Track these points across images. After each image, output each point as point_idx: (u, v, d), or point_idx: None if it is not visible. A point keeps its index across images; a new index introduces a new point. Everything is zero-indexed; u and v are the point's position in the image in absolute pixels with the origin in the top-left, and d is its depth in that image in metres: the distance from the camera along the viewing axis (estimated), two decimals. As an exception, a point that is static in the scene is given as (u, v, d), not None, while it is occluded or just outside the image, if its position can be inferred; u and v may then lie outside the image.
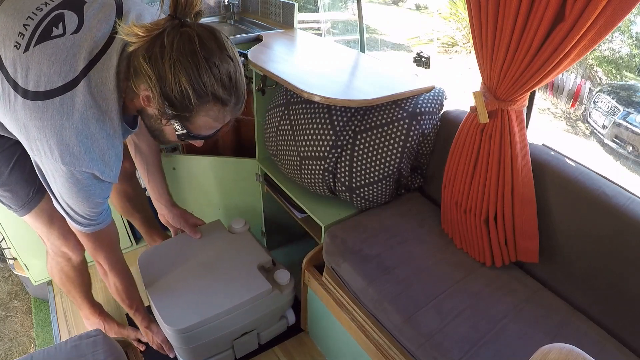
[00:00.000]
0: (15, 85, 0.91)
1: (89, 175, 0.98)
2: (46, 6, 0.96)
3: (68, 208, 1.06)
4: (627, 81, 3.54)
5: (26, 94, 0.91)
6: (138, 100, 0.95)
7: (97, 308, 1.64)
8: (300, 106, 1.48)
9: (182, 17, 0.87)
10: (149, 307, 1.59)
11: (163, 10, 0.93)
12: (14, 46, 0.92)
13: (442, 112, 1.48)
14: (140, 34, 0.84)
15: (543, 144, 1.30)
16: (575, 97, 3.84)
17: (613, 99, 3.29)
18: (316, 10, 3.15)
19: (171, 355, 1.54)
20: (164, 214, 1.62)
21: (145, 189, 1.70)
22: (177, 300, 1.37)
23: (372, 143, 1.37)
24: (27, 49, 0.91)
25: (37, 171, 1.02)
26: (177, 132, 0.96)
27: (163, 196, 1.58)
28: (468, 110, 1.23)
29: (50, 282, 1.92)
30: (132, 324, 1.70)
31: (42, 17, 0.94)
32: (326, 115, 1.40)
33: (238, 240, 1.62)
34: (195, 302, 1.37)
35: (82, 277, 1.53)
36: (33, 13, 0.94)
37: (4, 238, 1.71)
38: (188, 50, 0.84)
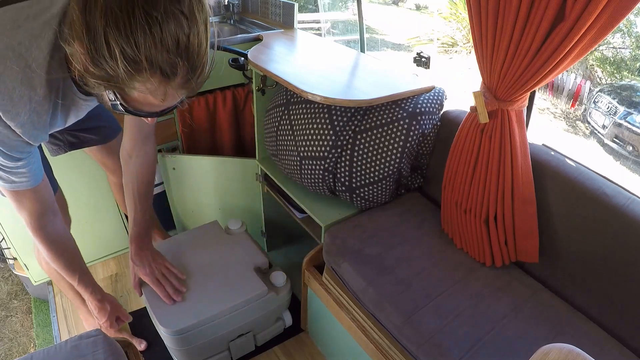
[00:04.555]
0: None
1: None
2: None
3: None
4: (628, 81, 3.54)
5: None
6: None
7: None
8: (300, 106, 1.48)
9: None
10: (144, 308, 1.58)
11: None
12: None
13: (442, 112, 1.48)
14: None
15: (543, 144, 1.30)
16: (575, 97, 3.84)
17: (613, 99, 3.29)
18: (316, 10, 3.16)
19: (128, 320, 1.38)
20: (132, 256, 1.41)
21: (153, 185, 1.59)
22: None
23: (372, 143, 1.37)
24: None
25: None
26: (110, 102, 0.78)
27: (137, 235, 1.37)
28: (468, 110, 1.23)
29: (50, 282, 1.92)
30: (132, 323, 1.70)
31: None
32: (326, 115, 1.40)
33: (234, 242, 1.62)
34: (191, 303, 1.37)
35: None
36: None
37: (4, 238, 1.71)
38: None
